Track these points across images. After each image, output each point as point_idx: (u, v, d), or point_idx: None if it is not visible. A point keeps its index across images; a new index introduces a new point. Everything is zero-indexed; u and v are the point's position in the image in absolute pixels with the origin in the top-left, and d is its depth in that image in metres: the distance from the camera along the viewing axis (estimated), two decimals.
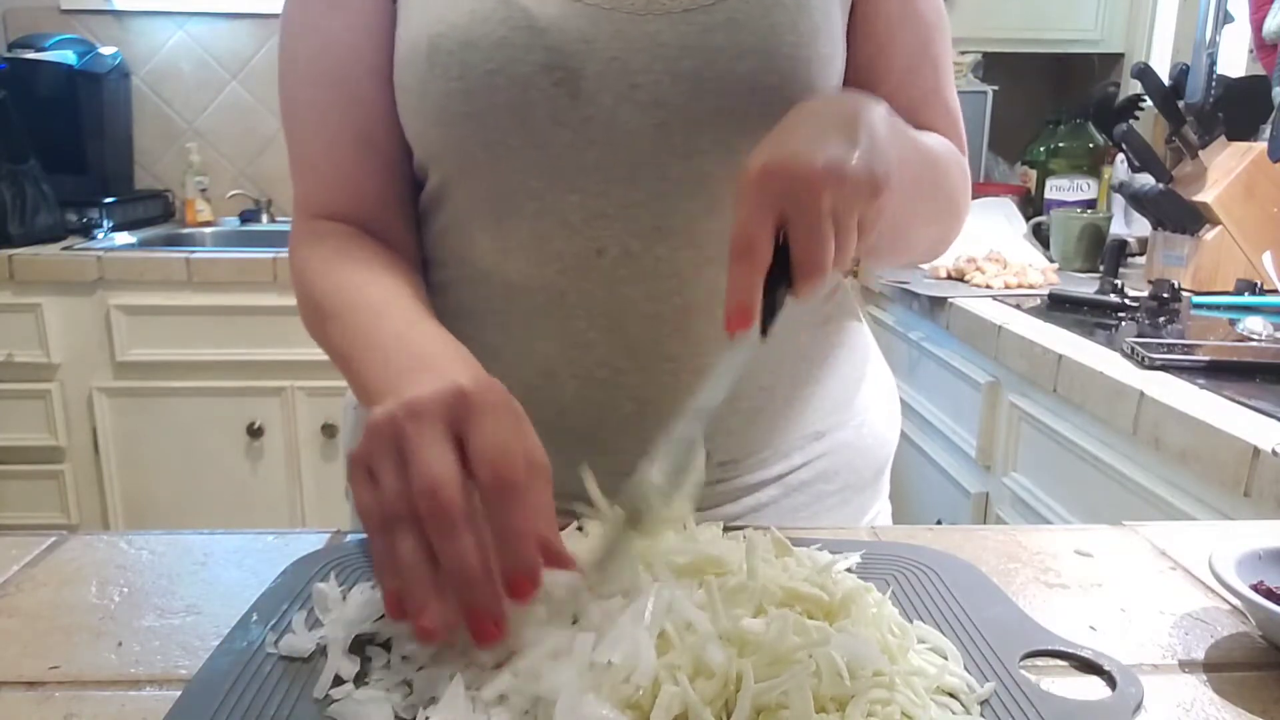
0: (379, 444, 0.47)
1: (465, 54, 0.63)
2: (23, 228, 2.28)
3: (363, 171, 0.72)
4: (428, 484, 0.45)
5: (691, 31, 0.63)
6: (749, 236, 0.51)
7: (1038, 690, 0.47)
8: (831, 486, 0.77)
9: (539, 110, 0.64)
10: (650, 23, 0.63)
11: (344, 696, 0.45)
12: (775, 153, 0.52)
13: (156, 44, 2.73)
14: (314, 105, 0.72)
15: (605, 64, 0.63)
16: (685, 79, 0.63)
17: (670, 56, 0.63)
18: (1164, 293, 1.61)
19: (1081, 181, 2.28)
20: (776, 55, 0.64)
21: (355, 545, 0.63)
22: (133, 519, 2.34)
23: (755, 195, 0.51)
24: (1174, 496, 1.13)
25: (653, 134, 0.64)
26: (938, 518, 1.81)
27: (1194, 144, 1.78)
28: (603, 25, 0.63)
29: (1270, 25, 1.67)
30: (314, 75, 0.71)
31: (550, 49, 0.63)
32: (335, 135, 0.71)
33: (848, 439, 0.78)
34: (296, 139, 0.74)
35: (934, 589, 0.56)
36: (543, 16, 0.63)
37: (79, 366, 2.26)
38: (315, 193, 0.73)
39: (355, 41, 0.69)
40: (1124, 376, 1.20)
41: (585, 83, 0.63)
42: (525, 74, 0.63)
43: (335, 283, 0.67)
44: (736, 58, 0.63)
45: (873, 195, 0.53)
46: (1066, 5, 2.45)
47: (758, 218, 0.51)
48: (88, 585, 0.59)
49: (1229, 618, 0.56)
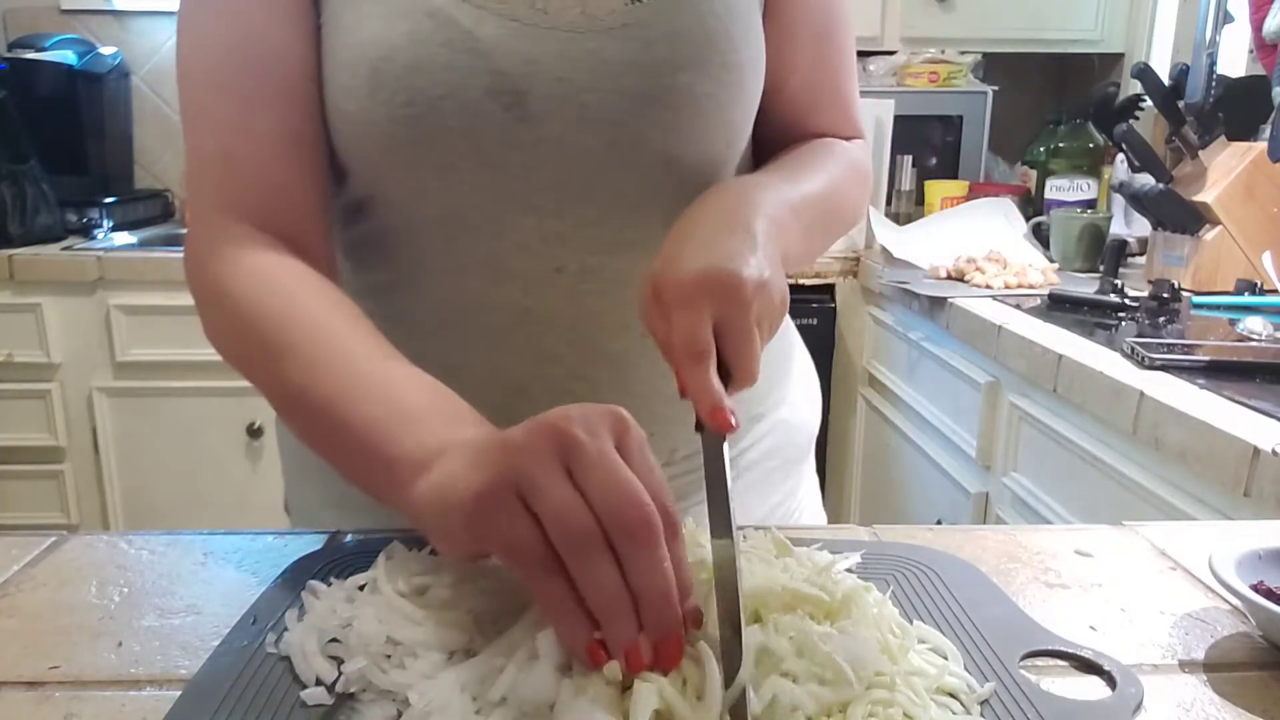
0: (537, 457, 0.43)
1: (412, 79, 0.61)
2: (23, 228, 2.28)
3: (291, 174, 0.65)
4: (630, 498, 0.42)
5: (633, 47, 0.63)
6: (701, 341, 0.53)
7: (1038, 690, 0.47)
8: (775, 463, 0.81)
9: (489, 134, 0.63)
10: (592, 40, 0.63)
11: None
12: (708, 263, 0.54)
13: (156, 44, 2.73)
14: (234, 97, 0.64)
15: (552, 84, 0.63)
16: (630, 95, 0.63)
17: (614, 74, 0.63)
18: (1164, 293, 1.61)
19: (1081, 181, 2.28)
20: (711, 64, 0.65)
21: (355, 545, 0.63)
22: (133, 519, 2.34)
23: (696, 302, 0.53)
24: (1174, 496, 1.13)
25: (603, 151, 0.64)
26: (938, 518, 1.81)
27: (1194, 144, 1.78)
28: (546, 45, 0.62)
29: (1270, 25, 1.67)
30: (236, 64, 0.64)
31: (496, 72, 0.62)
32: (263, 131, 0.64)
33: (784, 416, 0.81)
34: (206, 133, 0.65)
35: (934, 589, 0.56)
36: (485, 38, 0.61)
37: (79, 366, 2.26)
38: (231, 192, 0.65)
39: (282, 34, 0.64)
40: (1124, 376, 1.20)
41: (534, 105, 0.63)
42: (474, 98, 0.62)
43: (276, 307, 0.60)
44: (676, 69, 0.64)
45: (783, 308, 0.58)
46: (1066, 5, 2.45)
47: (703, 323, 0.53)
48: (88, 585, 0.59)
49: (1229, 618, 0.56)
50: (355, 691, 0.46)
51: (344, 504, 0.72)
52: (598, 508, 0.42)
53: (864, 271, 2.22)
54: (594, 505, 0.42)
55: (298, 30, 0.64)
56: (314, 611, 0.52)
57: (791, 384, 0.84)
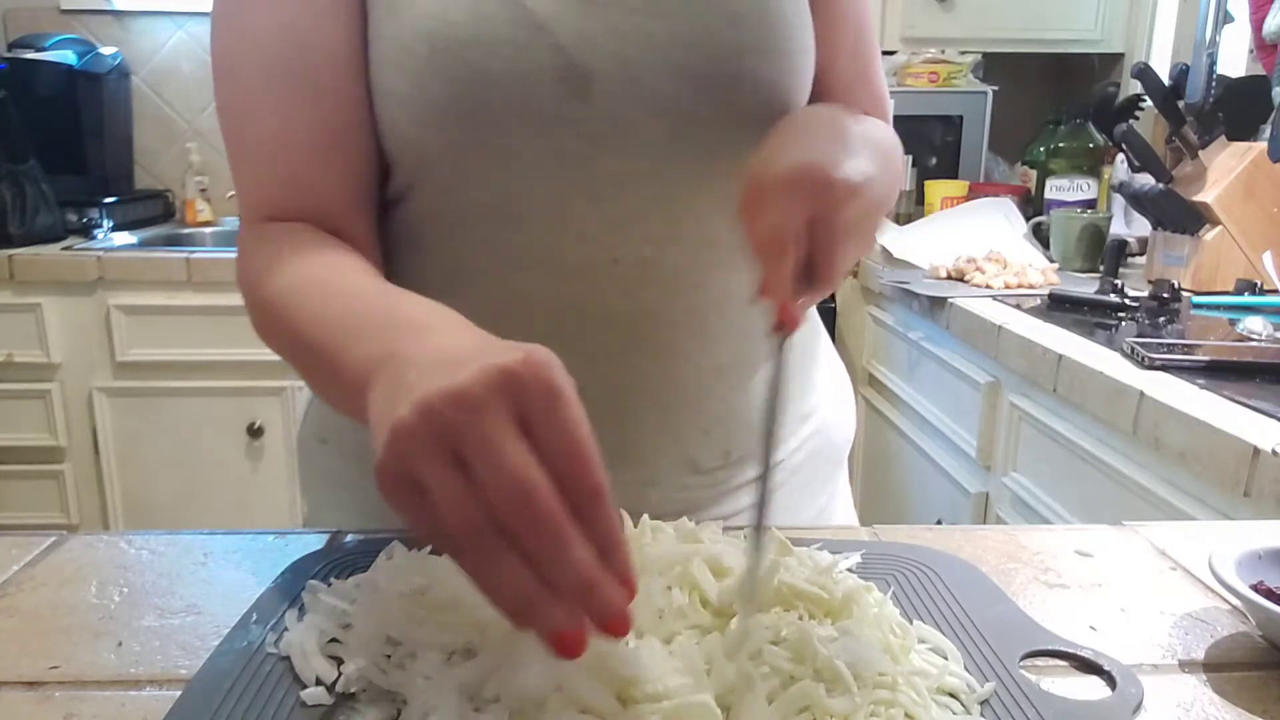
0: (418, 446, 0.38)
1: (469, 53, 0.60)
2: (23, 228, 2.28)
3: (329, 174, 0.64)
4: (517, 489, 0.37)
5: (694, 28, 0.63)
6: (781, 236, 0.52)
7: (1038, 690, 0.47)
8: (818, 464, 0.80)
9: (548, 112, 0.61)
10: (653, 20, 0.62)
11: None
12: (804, 159, 0.53)
13: (156, 44, 2.73)
14: (272, 97, 0.63)
15: (612, 63, 0.62)
16: (689, 76, 0.63)
17: (675, 53, 0.62)
18: (1164, 293, 1.61)
19: (1081, 181, 2.28)
20: (774, 50, 0.64)
21: (355, 545, 0.63)
22: (133, 519, 2.34)
23: (787, 197, 0.52)
24: (1174, 496, 1.13)
25: (662, 134, 0.63)
26: (938, 518, 1.81)
27: (1194, 144, 1.78)
28: (606, 22, 0.62)
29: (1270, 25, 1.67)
30: (272, 63, 0.63)
31: (556, 48, 0.61)
32: (299, 132, 0.63)
33: (828, 416, 0.80)
34: (245, 135, 0.65)
35: (934, 589, 0.56)
36: (545, 14, 0.61)
37: (79, 366, 2.26)
38: (270, 191, 0.65)
39: (320, 26, 0.62)
40: (1124, 376, 1.20)
41: (593, 83, 0.62)
42: (533, 72, 0.60)
43: (291, 277, 0.59)
44: (738, 54, 0.63)
45: (880, 212, 0.56)
46: (1066, 5, 2.44)
47: (789, 218, 0.52)
48: (88, 585, 0.59)
49: (1229, 618, 0.56)
50: (355, 691, 0.46)
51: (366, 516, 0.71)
52: (497, 502, 0.37)
53: (864, 271, 2.22)
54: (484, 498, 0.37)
55: (338, 22, 0.62)
56: (314, 611, 0.52)
57: (828, 377, 0.82)
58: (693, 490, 0.70)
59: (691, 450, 0.70)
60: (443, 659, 0.46)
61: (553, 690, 0.42)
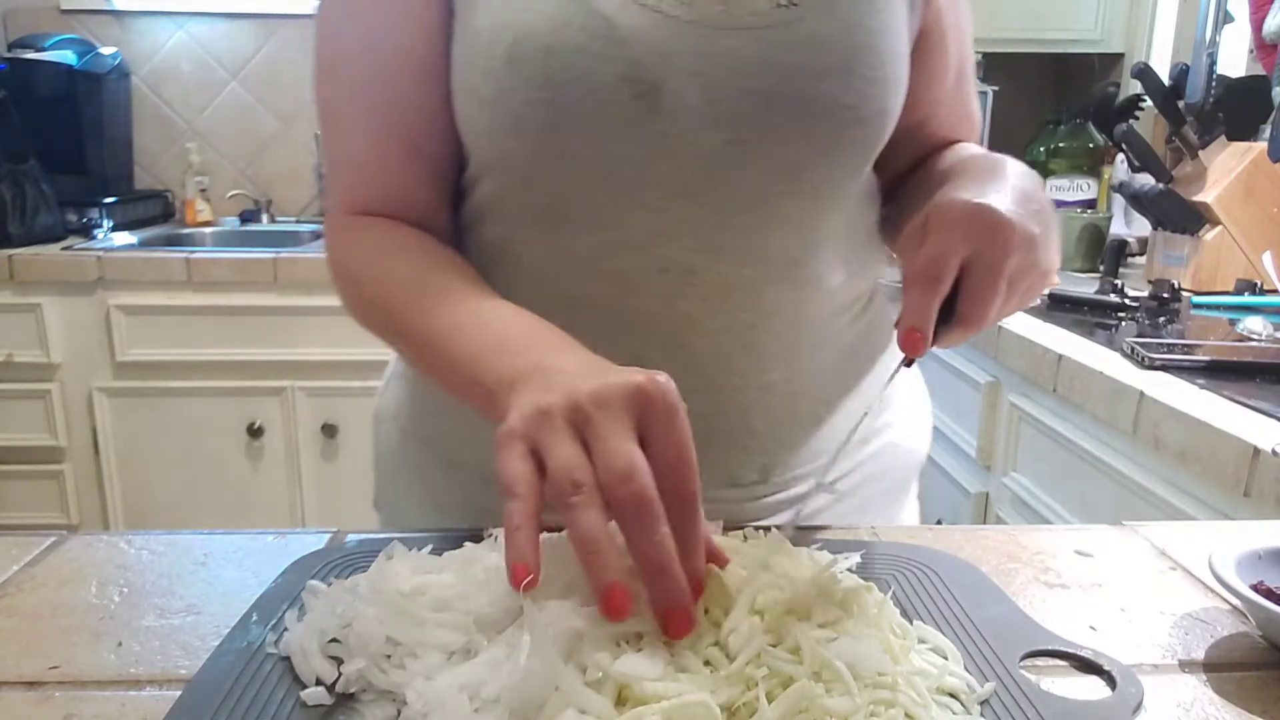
0: (551, 423, 0.46)
1: (547, 62, 0.60)
2: (23, 228, 2.28)
3: (407, 174, 0.69)
4: (624, 467, 0.44)
5: (773, 48, 0.62)
6: (939, 265, 0.53)
7: (1038, 690, 0.46)
8: (879, 488, 0.78)
9: (614, 123, 0.62)
10: (732, 37, 0.62)
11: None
12: (980, 200, 0.55)
13: (156, 44, 2.73)
14: (357, 104, 0.68)
15: (685, 78, 0.61)
16: (762, 96, 0.62)
17: (751, 73, 0.62)
18: (1164, 293, 1.61)
19: (1081, 181, 2.28)
20: (854, 76, 0.63)
21: (355, 545, 0.63)
22: (133, 519, 2.34)
23: (954, 231, 0.54)
24: (1174, 496, 1.13)
25: (725, 151, 0.63)
26: (938, 518, 1.81)
27: (1194, 144, 1.78)
28: (684, 38, 0.61)
29: (1270, 25, 1.67)
30: (358, 72, 0.67)
31: (630, 60, 0.61)
32: (380, 137, 0.68)
33: (892, 440, 0.78)
34: (335, 136, 0.70)
35: (934, 589, 0.56)
36: (623, 26, 0.61)
37: (79, 366, 2.26)
38: (356, 191, 0.70)
39: (408, 40, 0.65)
40: (1124, 376, 1.20)
41: (664, 98, 0.61)
42: (606, 85, 0.61)
43: (404, 272, 0.65)
44: (816, 78, 0.62)
45: (1045, 278, 0.58)
46: (1066, 5, 2.44)
47: (952, 251, 0.53)
48: (88, 585, 0.59)
49: (1229, 618, 0.56)
50: (355, 691, 0.46)
51: (433, 503, 0.73)
52: (606, 477, 0.45)
53: None
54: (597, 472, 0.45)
55: (416, 30, 0.65)
56: (314, 611, 0.52)
57: (901, 403, 0.80)
58: (727, 504, 0.70)
59: (730, 465, 0.70)
60: (443, 659, 0.46)
61: (552, 690, 0.42)
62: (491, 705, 0.43)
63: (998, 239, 0.54)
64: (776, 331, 0.68)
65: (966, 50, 0.77)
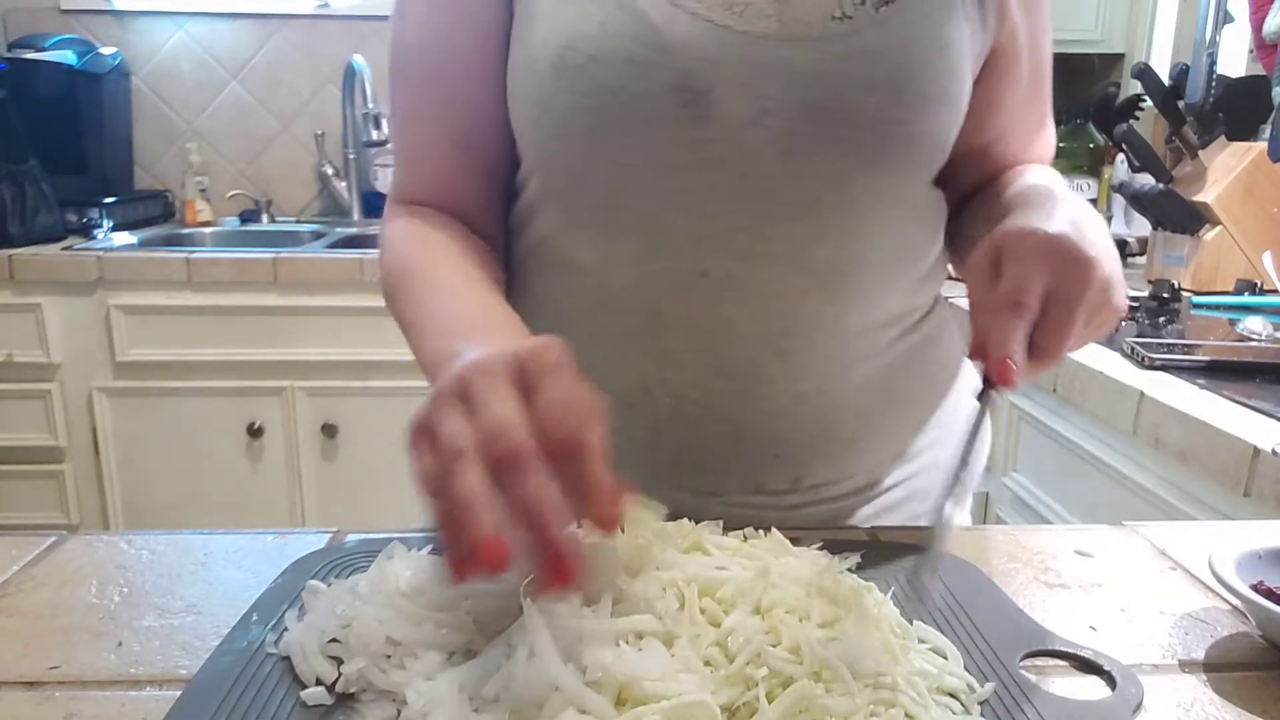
0: (442, 402, 0.46)
1: (594, 69, 0.61)
2: (23, 228, 2.28)
3: (458, 171, 0.71)
4: (496, 425, 0.43)
5: (825, 60, 0.62)
6: (1025, 293, 0.53)
7: (1038, 690, 0.47)
8: (923, 506, 0.76)
9: (662, 131, 0.62)
10: (784, 48, 0.62)
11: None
12: (1059, 230, 0.54)
13: (156, 44, 2.73)
14: (414, 101, 0.71)
15: (735, 88, 0.61)
16: (813, 107, 0.62)
17: (801, 84, 0.62)
18: (1164, 293, 1.61)
19: (1081, 181, 2.28)
20: (907, 91, 0.63)
21: (355, 545, 0.63)
22: (133, 519, 2.34)
23: (1041, 259, 0.53)
24: (1174, 496, 1.13)
25: (774, 159, 0.63)
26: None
27: (1194, 144, 1.78)
28: (734, 48, 0.61)
29: (1270, 25, 1.67)
30: (417, 72, 0.70)
31: (679, 70, 0.61)
32: (433, 134, 0.71)
33: (940, 459, 0.77)
34: (398, 130, 0.74)
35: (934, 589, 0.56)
36: (673, 35, 0.61)
37: (79, 366, 2.26)
38: (411, 183, 0.74)
39: (462, 42, 0.68)
40: (1124, 376, 1.20)
41: (713, 106, 0.61)
42: (653, 93, 0.61)
43: (406, 253, 0.68)
44: (867, 90, 0.62)
45: (1115, 315, 0.57)
46: (1066, 5, 2.44)
47: (1036, 278, 0.53)
48: (88, 585, 0.59)
49: (1229, 618, 0.56)
50: (355, 691, 0.46)
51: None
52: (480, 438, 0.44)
53: None
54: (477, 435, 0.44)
55: (471, 34, 0.67)
56: (314, 611, 0.52)
57: (954, 421, 0.78)
58: (756, 509, 0.69)
59: (759, 472, 0.70)
60: (443, 659, 0.46)
61: (552, 690, 0.42)
62: (491, 705, 0.43)
63: (1079, 272, 0.53)
64: (815, 342, 0.68)
65: (1043, 58, 0.74)
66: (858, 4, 0.62)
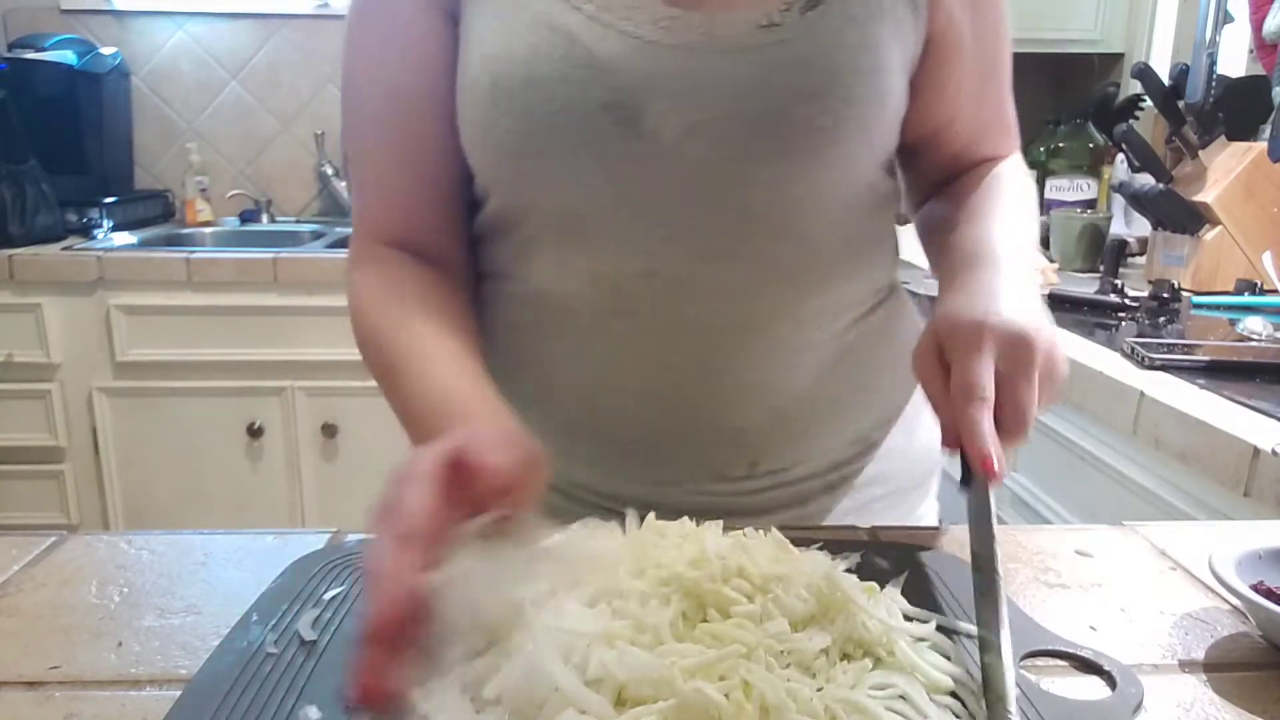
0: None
1: (528, 92, 0.62)
2: (23, 228, 2.28)
3: (420, 200, 0.72)
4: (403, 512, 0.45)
5: (754, 70, 0.62)
6: (983, 385, 0.53)
7: (1038, 690, 0.47)
8: (882, 490, 0.78)
9: (602, 147, 0.63)
10: (713, 61, 0.62)
11: None
12: (997, 310, 0.56)
13: (156, 44, 2.73)
14: (371, 136, 0.72)
15: (668, 102, 0.62)
16: (746, 118, 0.63)
17: (732, 96, 0.62)
18: (1164, 293, 1.61)
19: (1081, 181, 2.28)
20: (834, 98, 0.63)
21: (355, 545, 0.63)
22: (133, 519, 2.34)
23: (983, 344, 0.54)
24: (1174, 496, 1.13)
25: (713, 168, 0.64)
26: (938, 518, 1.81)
27: (1194, 144, 1.78)
28: (664, 63, 0.62)
29: (1270, 25, 1.67)
30: (371, 107, 0.71)
31: (612, 88, 0.62)
32: (392, 167, 0.71)
33: (899, 445, 0.78)
34: (357, 171, 0.74)
35: (934, 589, 0.56)
36: (603, 54, 0.62)
37: (79, 366, 2.26)
38: (373, 213, 0.73)
39: (413, 75, 0.68)
40: (1124, 376, 1.20)
41: (648, 121, 0.62)
42: (589, 111, 0.62)
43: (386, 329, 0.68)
44: (795, 99, 0.63)
45: (1060, 381, 0.57)
46: (1066, 5, 2.44)
47: (987, 366, 0.54)
48: (88, 585, 0.59)
49: (1229, 618, 0.56)
50: None
51: None
52: None
53: None
54: None
55: (431, 68, 0.67)
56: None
57: (914, 408, 0.79)
58: (715, 496, 0.71)
59: (716, 460, 0.71)
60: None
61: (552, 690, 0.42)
62: (491, 705, 0.43)
63: (1021, 350, 0.54)
64: (768, 332, 0.69)
65: (996, 53, 0.74)
66: (784, 10, 0.63)
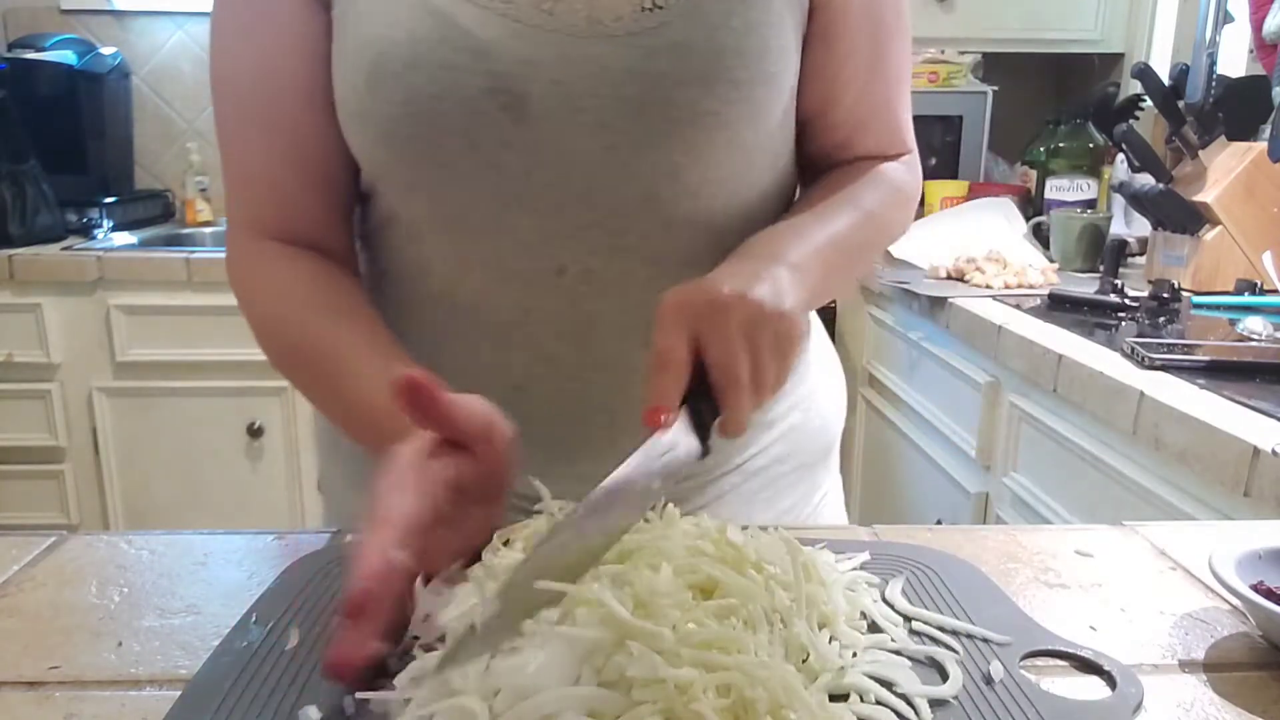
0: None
1: (409, 76, 0.61)
2: (23, 228, 2.28)
3: (298, 189, 0.70)
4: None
5: (635, 56, 0.62)
6: (665, 351, 0.53)
7: (1038, 690, 0.47)
8: (785, 468, 0.79)
9: (486, 133, 0.62)
10: (593, 45, 0.62)
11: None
12: (686, 286, 0.55)
13: (156, 44, 2.73)
14: (245, 123, 0.69)
15: (549, 87, 0.62)
16: (630, 104, 0.62)
17: (614, 81, 0.62)
18: (1164, 293, 1.61)
19: (1081, 181, 2.28)
20: (719, 82, 0.63)
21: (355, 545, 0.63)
22: (133, 519, 2.34)
23: (670, 319, 0.54)
24: (1174, 496, 1.13)
25: (601, 156, 0.63)
26: (938, 518, 1.81)
27: (1194, 144, 1.78)
28: (545, 48, 0.62)
29: (1270, 25, 1.67)
30: (243, 94, 0.69)
31: (494, 73, 0.61)
32: (268, 154, 0.69)
33: (796, 422, 0.80)
34: (229, 153, 0.71)
35: (934, 589, 0.56)
36: (485, 38, 0.61)
37: (79, 366, 2.26)
38: (251, 207, 0.71)
39: (286, 63, 0.66)
40: (1124, 376, 1.20)
41: (530, 106, 0.62)
42: (470, 97, 0.61)
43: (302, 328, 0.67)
44: (679, 84, 0.62)
45: (778, 316, 0.56)
46: (1066, 5, 2.44)
47: (673, 336, 0.53)
48: (88, 585, 0.59)
49: (1229, 618, 0.56)
50: None
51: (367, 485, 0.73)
52: None
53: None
54: None
55: (302, 55, 0.66)
56: None
57: (809, 385, 0.81)
58: None
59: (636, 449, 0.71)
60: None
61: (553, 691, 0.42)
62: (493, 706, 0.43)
63: (709, 308, 0.54)
64: None
65: (886, 47, 0.73)
66: None
